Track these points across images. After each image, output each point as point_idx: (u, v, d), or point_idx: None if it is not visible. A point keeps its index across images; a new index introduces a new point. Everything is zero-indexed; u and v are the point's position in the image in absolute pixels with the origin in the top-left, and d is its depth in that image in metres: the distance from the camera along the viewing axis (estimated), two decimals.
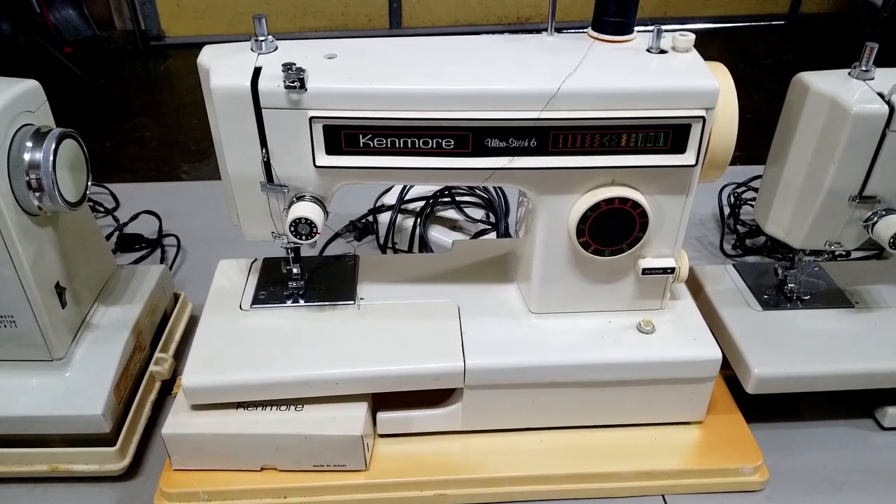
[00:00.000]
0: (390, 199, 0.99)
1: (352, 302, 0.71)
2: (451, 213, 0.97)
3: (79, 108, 2.42)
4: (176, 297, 0.86)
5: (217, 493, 0.65)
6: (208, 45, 0.61)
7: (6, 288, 0.63)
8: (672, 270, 0.66)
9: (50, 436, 0.66)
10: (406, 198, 0.97)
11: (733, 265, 0.82)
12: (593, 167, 0.59)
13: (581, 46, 0.61)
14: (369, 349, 0.66)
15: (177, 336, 0.82)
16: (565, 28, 0.62)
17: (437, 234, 0.94)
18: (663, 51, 0.60)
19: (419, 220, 0.94)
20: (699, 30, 2.97)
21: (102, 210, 1.05)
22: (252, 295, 0.72)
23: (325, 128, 0.57)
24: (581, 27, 0.64)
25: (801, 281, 0.76)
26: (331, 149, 0.58)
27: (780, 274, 0.77)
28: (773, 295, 0.77)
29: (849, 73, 0.64)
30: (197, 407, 0.65)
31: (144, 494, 0.67)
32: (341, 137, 0.58)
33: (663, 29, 0.60)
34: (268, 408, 0.65)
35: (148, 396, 0.74)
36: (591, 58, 0.59)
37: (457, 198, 0.98)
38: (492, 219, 0.96)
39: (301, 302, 0.71)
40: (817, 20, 3.10)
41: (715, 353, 0.66)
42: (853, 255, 0.93)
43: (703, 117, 0.57)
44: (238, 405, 0.65)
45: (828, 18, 3.10)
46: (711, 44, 2.90)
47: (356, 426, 0.64)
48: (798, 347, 0.71)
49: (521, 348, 0.66)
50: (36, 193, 0.61)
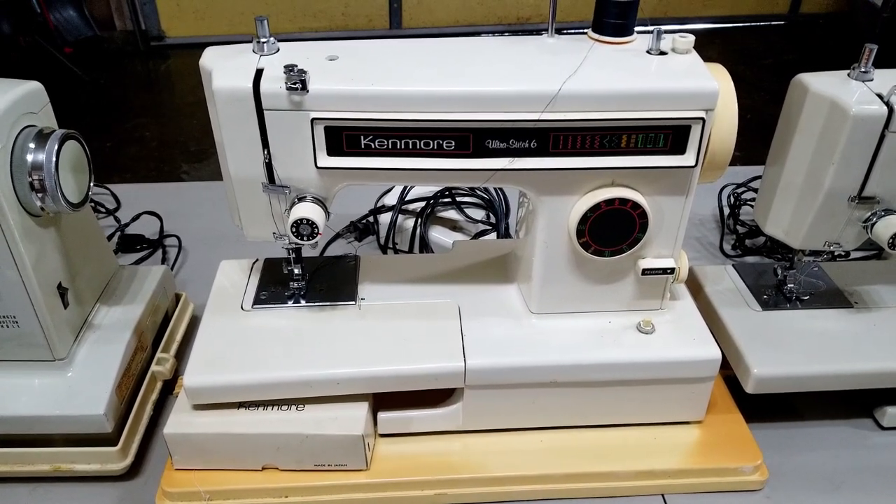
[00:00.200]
0: (391, 200, 0.99)
1: (353, 302, 0.72)
2: (452, 214, 0.97)
3: (79, 109, 2.42)
4: (177, 298, 0.86)
5: (218, 493, 0.65)
6: (210, 47, 0.61)
7: (9, 288, 0.63)
8: (672, 271, 0.66)
9: (52, 435, 0.67)
10: (407, 198, 0.98)
11: (733, 265, 0.82)
12: (593, 168, 0.60)
13: (581, 48, 0.61)
14: (370, 349, 0.66)
15: (178, 336, 0.83)
16: (565, 29, 0.62)
17: (438, 235, 0.94)
18: (663, 52, 0.61)
19: (420, 221, 0.95)
20: (699, 30, 2.98)
21: (104, 211, 1.05)
22: (253, 295, 0.72)
23: (327, 129, 0.57)
24: (581, 28, 0.64)
25: (801, 281, 0.76)
26: (332, 150, 0.59)
27: (780, 274, 0.77)
28: (773, 295, 0.77)
29: (848, 75, 0.65)
30: (198, 407, 0.65)
31: (146, 494, 0.67)
32: (342, 139, 0.58)
33: (663, 30, 0.60)
34: (269, 408, 0.65)
35: (149, 396, 0.74)
36: (592, 59, 0.59)
37: (457, 198, 0.98)
38: (492, 219, 0.96)
39: (302, 302, 0.72)
40: (817, 20, 3.11)
41: (714, 353, 0.66)
42: (852, 256, 0.93)
43: (703, 118, 0.57)
44: (239, 405, 0.65)
45: (828, 19, 3.10)
46: (711, 44, 2.91)
47: (357, 426, 0.64)
48: (797, 347, 0.71)
49: (522, 348, 0.67)
50: (38, 194, 0.61)
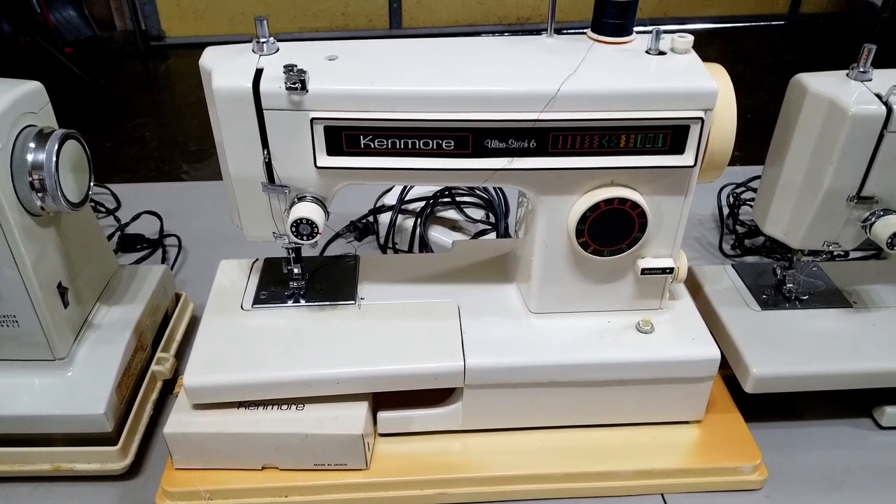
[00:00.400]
0: (390, 200, 0.99)
1: (352, 302, 0.72)
2: (451, 214, 0.97)
3: (79, 109, 2.42)
4: (177, 297, 0.86)
5: (218, 492, 0.65)
6: (210, 47, 0.61)
7: (9, 288, 0.63)
8: (671, 270, 0.66)
9: (52, 435, 0.67)
10: (406, 198, 0.98)
11: (732, 265, 0.82)
12: (593, 168, 0.60)
13: (580, 48, 0.61)
14: (370, 349, 0.67)
15: (178, 336, 0.83)
16: (564, 29, 0.62)
17: (438, 235, 0.94)
18: (662, 52, 0.61)
19: (419, 221, 0.95)
20: (699, 30, 2.98)
21: (104, 210, 1.05)
22: (253, 295, 0.72)
23: (326, 129, 0.58)
24: (580, 27, 0.65)
25: (800, 281, 0.76)
26: (332, 150, 0.59)
27: (779, 274, 0.77)
28: (772, 295, 0.77)
29: (847, 74, 0.65)
30: (198, 406, 0.65)
31: (146, 493, 0.67)
32: (342, 138, 0.58)
33: (662, 30, 0.61)
34: (269, 407, 0.65)
35: (149, 396, 0.74)
36: (591, 59, 0.60)
37: (457, 198, 0.98)
38: (492, 219, 0.97)
39: (302, 302, 0.72)
40: (817, 20, 3.10)
41: (714, 353, 0.66)
42: (851, 256, 0.93)
43: (702, 118, 0.57)
44: (239, 404, 0.66)
45: (827, 18, 3.10)
46: (711, 44, 2.90)
47: (357, 425, 0.64)
48: (796, 347, 0.71)
49: (521, 348, 0.67)
50: (39, 194, 0.61)
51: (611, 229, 0.63)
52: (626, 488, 0.68)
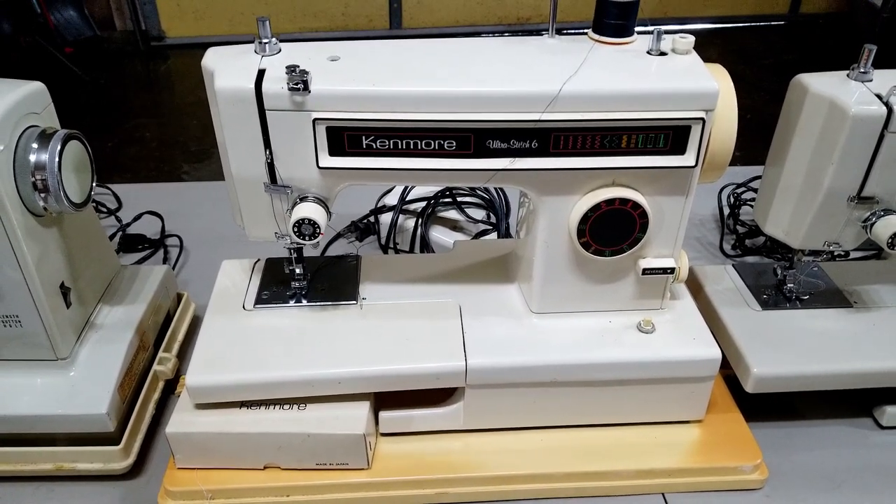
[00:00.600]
0: (392, 200, 0.99)
1: (354, 302, 0.72)
2: (453, 214, 0.97)
3: (79, 109, 2.42)
4: (179, 298, 0.86)
5: (220, 492, 0.65)
6: (212, 48, 0.61)
7: (12, 288, 0.63)
8: (672, 270, 0.66)
9: (54, 435, 0.67)
10: (407, 198, 0.98)
11: (733, 265, 0.82)
12: (594, 168, 0.60)
13: (582, 48, 0.61)
14: (371, 349, 0.67)
15: (180, 336, 0.83)
16: (565, 28, 0.62)
17: (439, 235, 0.94)
18: (663, 53, 0.61)
19: (420, 221, 0.95)
20: (699, 30, 2.98)
21: (105, 210, 1.06)
22: (255, 295, 0.73)
23: (329, 129, 0.58)
24: (581, 28, 0.65)
25: (801, 281, 0.76)
26: (334, 150, 0.59)
27: (780, 274, 0.77)
28: (773, 295, 0.77)
29: (847, 75, 0.65)
30: (201, 406, 0.65)
31: (148, 493, 0.67)
32: (344, 139, 0.58)
33: (663, 31, 0.61)
34: (271, 407, 0.66)
35: (151, 396, 0.74)
36: (592, 60, 0.60)
37: (458, 198, 0.99)
38: (493, 219, 0.97)
39: (304, 302, 0.72)
40: (817, 20, 3.11)
41: (714, 353, 0.66)
42: (852, 256, 0.93)
43: (703, 119, 0.58)
44: (241, 404, 0.66)
45: (827, 19, 3.10)
46: (711, 44, 2.91)
47: (359, 425, 0.64)
48: (797, 347, 0.71)
49: (523, 348, 0.67)
50: (41, 194, 0.61)
51: (612, 229, 0.63)
52: (627, 488, 0.68)
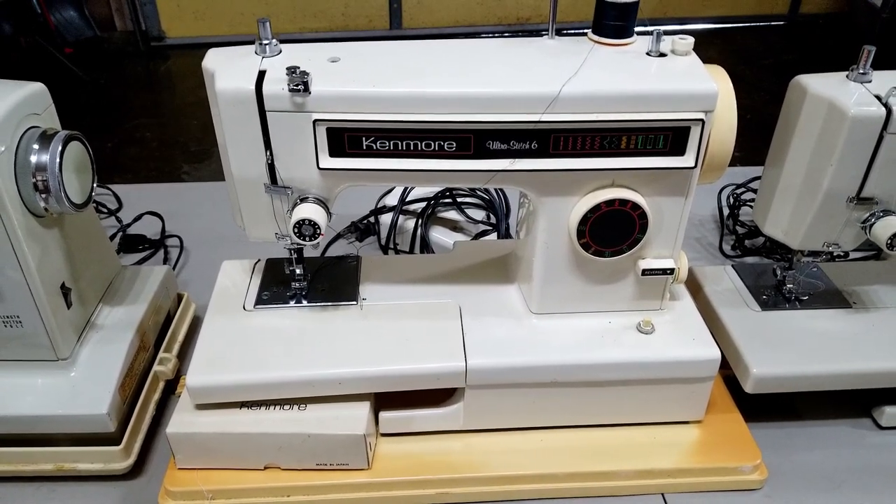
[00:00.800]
0: (392, 200, 0.99)
1: (354, 302, 0.72)
2: (453, 214, 0.97)
3: (79, 109, 2.42)
4: (179, 298, 0.86)
5: (221, 492, 0.65)
6: (213, 49, 0.61)
7: (13, 289, 0.63)
8: (671, 271, 0.67)
9: (55, 435, 0.67)
10: (407, 199, 0.98)
11: (732, 266, 0.82)
12: (594, 169, 0.60)
13: (581, 50, 0.61)
14: (372, 349, 0.67)
15: (180, 336, 0.83)
16: (564, 29, 0.62)
17: (439, 235, 0.94)
18: (663, 54, 0.61)
19: (420, 221, 0.95)
20: (699, 30, 2.98)
21: (106, 211, 1.06)
22: (255, 295, 0.73)
23: (329, 130, 0.58)
24: (580, 28, 0.65)
25: (800, 281, 0.76)
26: (334, 151, 0.59)
27: (779, 274, 0.78)
28: (772, 295, 0.77)
29: (846, 76, 0.65)
30: (201, 406, 0.65)
31: (149, 493, 0.67)
32: (344, 140, 0.58)
33: (663, 32, 0.61)
34: (271, 407, 0.66)
35: (152, 396, 0.75)
36: (592, 61, 0.60)
37: (458, 199, 0.99)
38: (493, 220, 0.97)
39: (304, 302, 0.72)
40: (817, 21, 3.10)
41: (714, 353, 0.66)
42: (851, 256, 0.93)
43: (703, 120, 0.58)
44: (242, 404, 0.66)
45: (827, 19, 3.10)
46: (711, 44, 2.90)
47: (359, 425, 0.64)
48: (796, 347, 0.71)
49: (523, 348, 0.67)
50: (42, 195, 0.62)
51: (612, 230, 0.63)
52: (627, 488, 0.68)
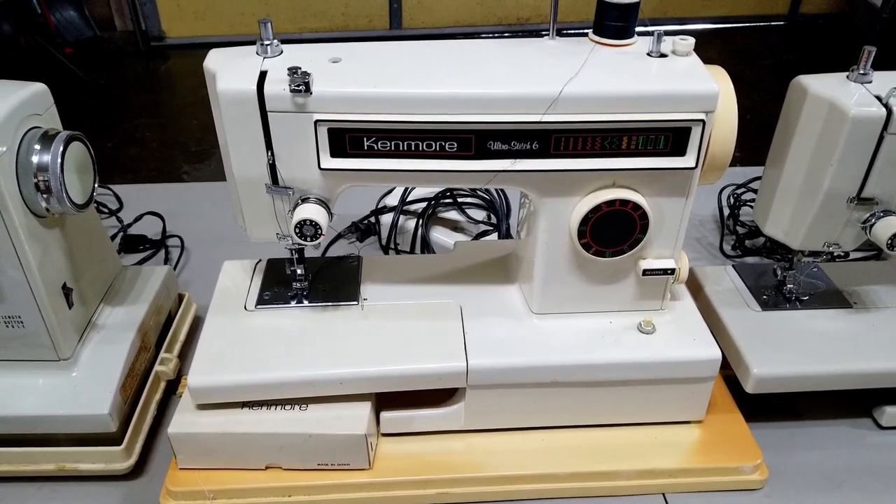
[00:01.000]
0: (392, 201, 0.99)
1: (355, 302, 0.72)
2: (453, 215, 0.97)
3: (79, 109, 2.42)
4: (180, 298, 0.86)
5: (222, 492, 0.65)
6: (214, 49, 0.61)
7: (14, 289, 0.63)
8: (672, 271, 0.67)
9: (57, 435, 0.67)
10: (408, 199, 0.98)
11: (733, 266, 0.82)
12: (594, 170, 0.60)
13: (582, 50, 0.61)
14: (373, 349, 0.67)
15: (181, 336, 0.83)
16: (564, 29, 0.62)
17: (439, 235, 0.94)
18: (664, 55, 0.61)
19: (421, 222, 0.95)
20: (699, 30, 2.98)
21: (106, 211, 1.06)
22: (256, 295, 0.73)
23: (330, 131, 0.58)
24: (580, 27, 0.65)
25: (800, 281, 0.77)
26: (335, 151, 0.59)
27: (780, 275, 0.78)
28: (773, 295, 0.77)
29: (847, 76, 0.65)
30: (202, 406, 0.66)
31: (150, 493, 0.67)
32: (346, 140, 0.58)
33: (663, 33, 0.61)
34: (272, 407, 0.66)
35: (153, 396, 0.75)
36: (593, 62, 0.60)
37: (458, 199, 0.99)
38: (493, 220, 0.97)
39: (305, 302, 0.72)
40: (817, 21, 3.11)
41: (715, 353, 0.67)
42: (851, 256, 0.93)
43: (703, 120, 0.58)
44: (243, 405, 0.66)
45: (827, 19, 3.10)
46: (711, 44, 2.91)
47: (360, 425, 0.64)
48: (797, 347, 0.71)
49: (523, 348, 0.67)
50: (44, 195, 0.62)
51: (612, 230, 0.63)
52: (628, 488, 0.68)
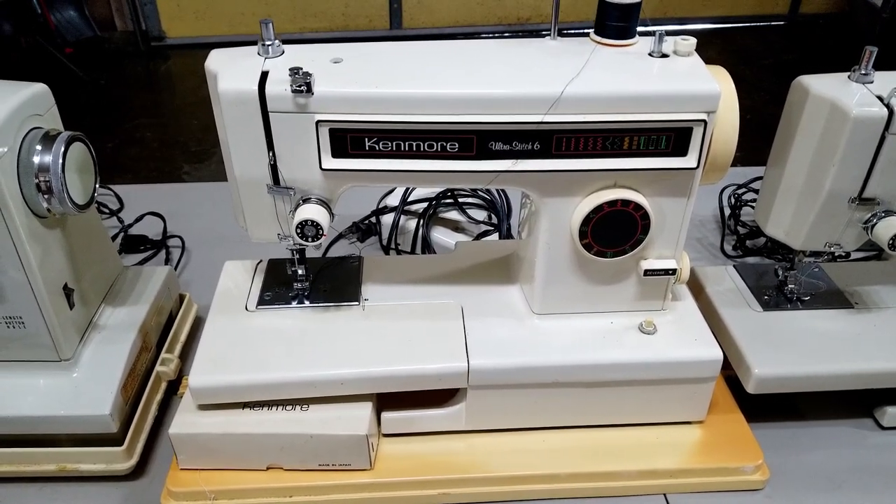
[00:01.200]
0: (393, 201, 0.99)
1: (356, 303, 0.72)
2: (454, 215, 0.97)
3: (79, 109, 2.42)
4: (181, 298, 0.86)
5: (223, 493, 0.65)
6: (215, 49, 0.61)
7: (15, 289, 0.63)
8: (673, 271, 0.67)
9: (58, 435, 0.67)
10: (409, 199, 0.98)
11: (734, 266, 0.82)
12: (596, 170, 0.60)
13: (584, 50, 0.61)
14: (374, 350, 0.67)
15: (182, 337, 0.83)
16: (565, 28, 0.62)
17: (440, 236, 0.94)
18: (665, 55, 0.61)
19: (422, 222, 0.95)
20: (699, 30, 2.98)
21: (107, 211, 1.06)
22: (258, 296, 0.73)
23: (332, 131, 0.58)
24: (580, 27, 0.65)
25: (801, 282, 0.77)
26: (337, 152, 0.59)
27: (781, 275, 0.78)
28: (774, 296, 0.77)
29: (848, 77, 0.65)
30: (203, 407, 0.66)
31: (151, 494, 0.67)
32: (347, 141, 0.58)
33: (665, 33, 0.61)
34: (273, 408, 0.66)
35: (154, 396, 0.75)
36: (594, 62, 0.60)
37: (459, 199, 0.99)
38: (494, 220, 0.97)
39: (306, 303, 0.72)
40: (817, 21, 3.11)
41: (716, 354, 0.66)
42: (853, 256, 0.93)
43: (705, 121, 0.58)
44: (244, 405, 0.66)
45: (827, 19, 3.10)
46: (711, 44, 2.91)
47: (361, 426, 0.64)
48: (798, 348, 0.71)
49: (524, 349, 0.67)
50: (45, 196, 0.62)
51: (614, 231, 0.63)
52: (629, 488, 0.68)
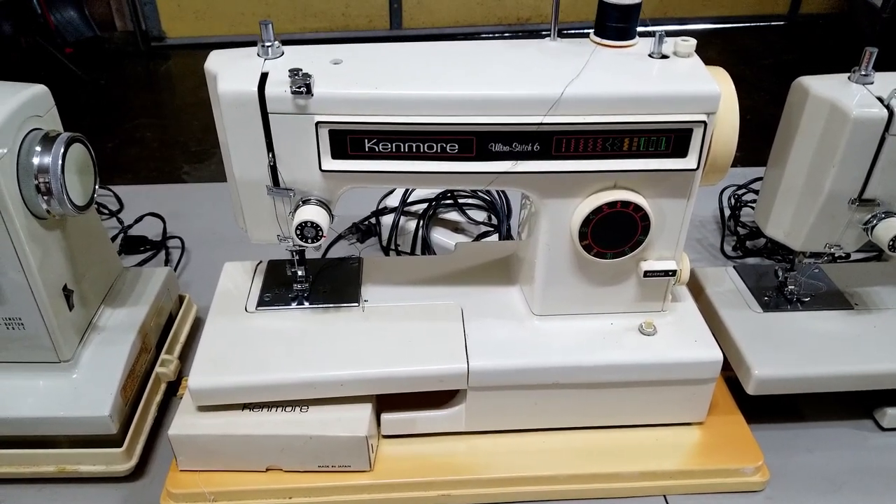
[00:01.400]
0: (393, 202, 0.99)
1: (356, 304, 0.72)
2: (454, 216, 0.97)
3: (79, 109, 2.42)
4: (181, 299, 0.86)
5: (223, 494, 0.65)
6: (215, 50, 0.61)
7: (15, 290, 0.63)
8: (673, 273, 0.67)
9: (57, 437, 0.67)
10: (409, 200, 0.98)
11: (734, 267, 0.82)
12: (596, 171, 0.60)
13: (584, 51, 0.61)
14: (373, 351, 0.67)
15: (182, 338, 0.83)
16: (564, 29, 0.62)
17: (440, 237, 0.94)
18: (665, 56, 0.61)
19: (422, 223, 0.95)
20: (699, 30, 2.98)
21: (107, 212, 1.06)
22: (257, 297, 0.73)
23: (331, 132, 0.58)
24: (580, 27, 0.65)
25: (801, 283, 0.76)
26: (336, 153, 0.59)
27: (781, 276, 0.78)
28: (774, 297, 0.77)
29: (848, 78, 0.65)
30: (203, 408, 0.65)
31: (151, 495, 0.67)
32: (347, 142, 0.58)
33: (665, 34, 0.61)
34: (273, 409, 0.66)
35: (154, 398, 0.75)
36: (594, 63, 0.60)
37: (459, 200, 0.99)
38: (494, 221, 0.97)
39: (306, 304, 0.72)
40: (817, 21, 3.11)
41: (716, 355, 0.66)
42: (853, 258, 0.93)
43: (705, 122, 0.58)
44: (244, 406, 0.66)
45: (827, 19, 3.10)
46: (711, 44, 2.90)
47: (361, 427, 0.64)
48: (798, 349, 0.71)
49: (524, 350, 0.67)
50: (45, 197, 0.62)
51: (614, 232, 0.63)
52: (629, 489, 0.68)
